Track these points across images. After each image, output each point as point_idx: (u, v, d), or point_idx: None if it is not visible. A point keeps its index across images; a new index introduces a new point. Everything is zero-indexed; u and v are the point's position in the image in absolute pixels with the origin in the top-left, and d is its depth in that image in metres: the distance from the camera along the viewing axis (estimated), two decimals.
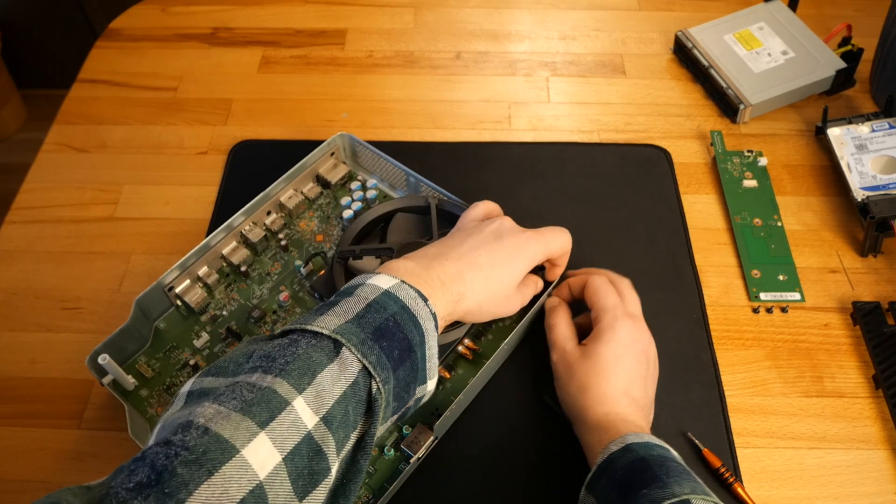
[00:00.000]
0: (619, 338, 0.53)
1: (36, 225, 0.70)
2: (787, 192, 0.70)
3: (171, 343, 0.60)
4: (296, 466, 0.36)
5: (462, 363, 0.58)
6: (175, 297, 0.61)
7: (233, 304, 0.62)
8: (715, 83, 0.76)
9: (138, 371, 0.58)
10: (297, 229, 0.67)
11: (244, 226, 0.64)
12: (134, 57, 0.84)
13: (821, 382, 0.59)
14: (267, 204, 0.65)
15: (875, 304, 0.61)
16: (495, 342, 0.59)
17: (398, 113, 0.78)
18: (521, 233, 0.53)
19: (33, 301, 0.65)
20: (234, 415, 0.36)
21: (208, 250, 0.62)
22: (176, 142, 0.76)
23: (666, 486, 0.43)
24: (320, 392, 0.38)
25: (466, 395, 0.55)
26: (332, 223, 0.67)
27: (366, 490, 0.53)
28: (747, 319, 0.62)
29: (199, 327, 0.61)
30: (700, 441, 0.55)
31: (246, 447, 0.35)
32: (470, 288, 0.48)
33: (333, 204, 0.68)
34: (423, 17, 0.88)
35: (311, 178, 0.69)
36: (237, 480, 0.34)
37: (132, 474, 0.33)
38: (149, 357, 0.59)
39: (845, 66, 0.75)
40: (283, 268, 0.64)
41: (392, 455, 0.54)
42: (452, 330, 0.55)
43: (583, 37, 0.85)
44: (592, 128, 0.76)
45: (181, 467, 0.33)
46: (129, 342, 0.58)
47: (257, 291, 0.63)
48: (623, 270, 0.64)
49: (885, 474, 0.54)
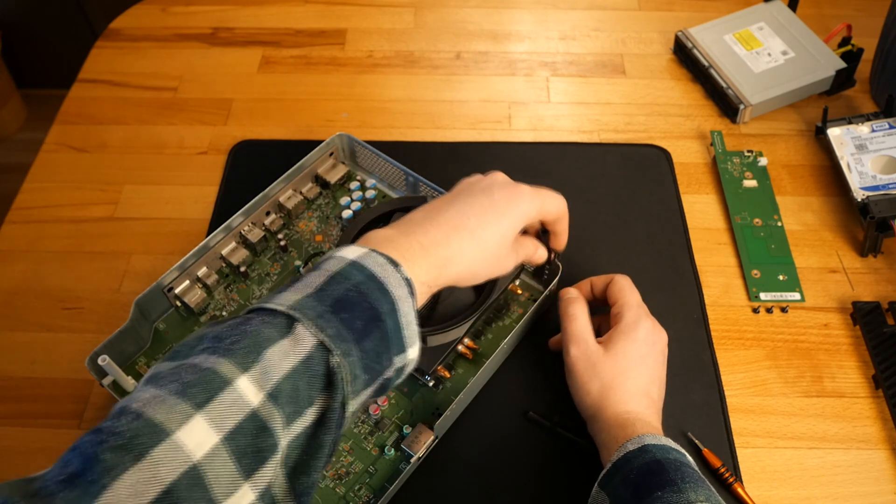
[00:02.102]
0: (643, 336, 0.53)
1: (36, 225, 0.70)
2: (787, 192, 0.70)
3: (171, 344, 0.60)
4: (238, 445, 0.36)
5: (462, 363, 0.58)
6: (174, 298, 0.61)
7: (232, 304, 0.62)
8: (715, 83, 0.76)
9: (138, 372, 0.58)
10: (297, 230, 0.67)
11: (243, 226, 0.64)
12: (134, 57, 0.84)
13: (821, 382, 0.59)
14: (266, 204, 0.65)
15: (875, 304, 0.61)
16: (495, 342, 0.59)
17: (398, 113, 0.78)
18: (514, 186, 0.50)
19: (33, 301, 0.65)
20: (170, 398, 0.35)
21: (207, 251, 0.62)
22: (176, 142, 0.76)
23: (681, 492, 0.43)
24: (266, 368, 0.37)
25: (467, 394, 0.55)
26: (332, 223, 0.67)
27: (366, 490, 0.53)
28: (747, 319, 0.62)
29: (199, 328, 0.60)
30: (700, 441, 0.55)
31: (180, 429, 0.34)
32: (457, 251, 0.46)
33: (333, 204, 0.68)
34: (424, 17, 0.88)
35: (310, 179, 0.69)
36: (168, 463, 0.34)
37: (65, 466, 0.33)
38: (148, 358, 0.59)
39: (845, 66, 0.75)
40: (283, 268, 0.64)
41: (392, 455, 0.54)
42: (452, 329, 0.55)
43: (583, 37, 0.85)
44: (592, 128, 0.76)
45: (108, 453, 0.33)
46: (129, 343, 0.58)
47: (257, 292, 0.63)
48: (623, 270, 0.64)
49: (884, 474, 0.54)
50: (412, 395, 0.57)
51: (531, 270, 0.62)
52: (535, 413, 0.56)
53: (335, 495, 0.53)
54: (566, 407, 0.57)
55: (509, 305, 0.61)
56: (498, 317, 0.60)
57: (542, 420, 0.56)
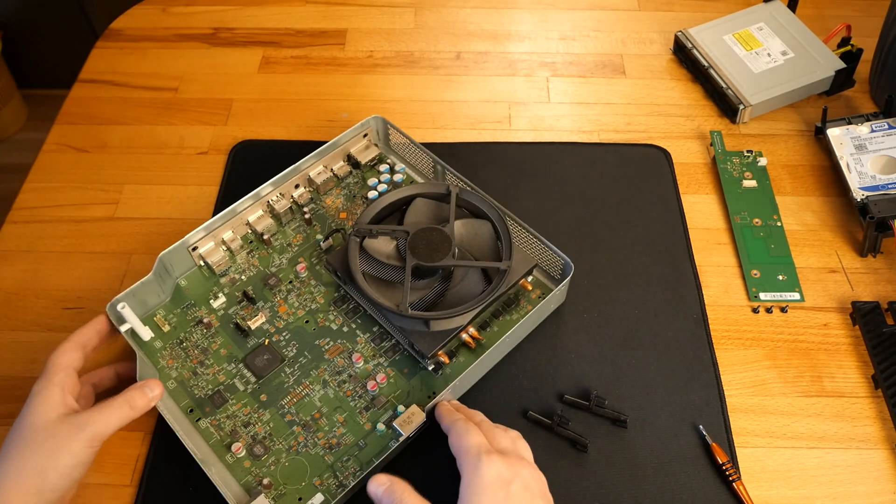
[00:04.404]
0: (490, 481, 0.44)
1: (36, 225, 0.70)
2: (786, 192, 0.70)
3: (190, 300, 0.62)
4: None
5: (464, 351, 0.59)
6: (199, 258, 0.63)
7: (252, 269, 0.64)
8: (715, 83, 0.77)
9: (155, 323, 0.60)
10: (323, 205, 0.68)
11: (272, 196, 0.65)
12: (134, 57, 0.85)
13: (820, 382, 0.59)
14: (296, 177, 0.67)
15: (874, 304, 0.61)
16: (500, 334, 0.59)
17: (398, 113, 0.78)
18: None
19: (34, 301, 0.65)
20: None
21: (235, 216, 0.63)
22: (176, 142, 0.76)
23: None
24: None
25: (463, 381, 0.55)
26: (358, 202, 0.68)
27: (354, 462, 0.54)
28: (747, 319, 0.62)
29: (218, 289, 0.62)
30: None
31: None
32: None
33: (361, 184, 0.70)
34: (424, 18, 0.88)
35: (342, 157, 0.70)
36: None
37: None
38: (167, 311, 0.61)
39: (845, 66, 0.75)
40: (305, 240, 0.66)
41: (384, 431, 0.55)
42: (455, 317, 0.56)
43: (583, 37, 0.86)
44: (592, 128, 0.76)
45: None
46: (150, 295, 0.60)
47: (277, 260, 0.64)
48: (623, 270, 0.64)
49: (884, 474, 0.54)
50: (411, 377, 0.58)
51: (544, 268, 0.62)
52: (535, 413, 0.56)
53: (324, 463, 0.54)
54: (566, 406, 0.57)
55: (519, 301, 0.61)
56: (506, 311, 0.61)
57: (543, 419, 0.56)
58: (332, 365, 0.58)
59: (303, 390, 0.57)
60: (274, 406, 0.56)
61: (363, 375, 0.58)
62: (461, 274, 0.59)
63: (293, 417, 0.56)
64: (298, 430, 0.55)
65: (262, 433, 0.55)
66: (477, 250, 0.61)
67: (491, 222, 0.61)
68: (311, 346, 0.59)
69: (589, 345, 0.60)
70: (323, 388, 0.57)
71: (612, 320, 0.62)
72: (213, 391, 0.57)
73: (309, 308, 0.61)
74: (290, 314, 0.61)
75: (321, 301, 0.62)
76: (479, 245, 0.61)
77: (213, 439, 0.55)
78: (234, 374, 0.58)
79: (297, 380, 0.58)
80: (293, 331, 0.60)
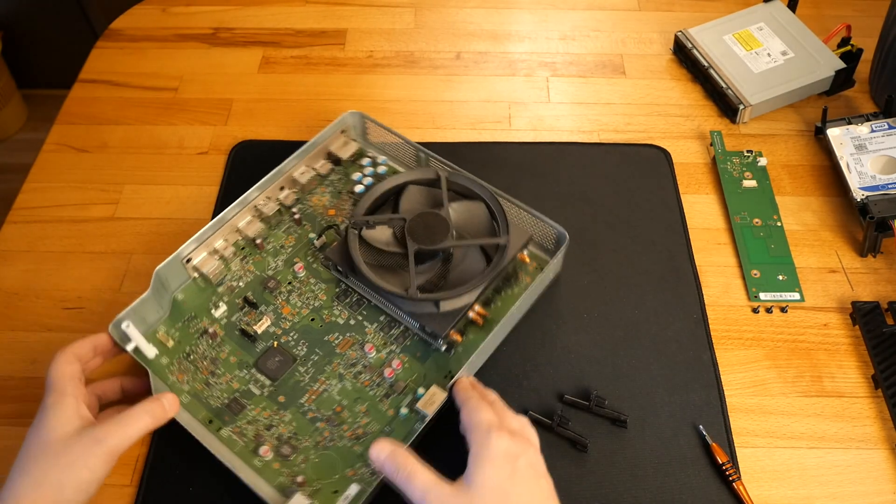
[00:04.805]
0: (500, 455, 0.45)
1: (36, 225, 0.70)
2: (786, 192, 0.70)
3: (190, 313, 0.61)
4: None
5: (473, 329, 0.60)
6: (192, 269, 0.62)
7: (249, 275, 0.64)
8: (714, 83, 0.77)
9: (159, 340, 0.60)
10: (310, 204, 0.68)
11: (258, 200, 0.65)
12: (134, 57, 0.85)
13: (820, 382, 0.59)
14: (280, 180, 0.67)
15: (874, 304, 0.61)
16: (504, 309, 0.60)
17: (398, 113, 0.78)
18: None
19: (34, 301, 0.65)
20: None
21: (224, 224, 0.63)
22: (176, 142, 0.76)
23: None
24: None
25: (478, 356, 0.56)
26: (344, 198, 0.68)
27: None
28: (747, 319, 0.62)
29: (217, 298, 0.62)
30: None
31: None
32: None
33: (345, 180, 0.70)
34: (424, 17, 0.88)
35: (323, 155, 0.70)
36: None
37: None
38: (168, 327, 0.61)
39: (845, 66, 0.75)
40: (297, 241, 0.66)
41: (408, 414, 0.55)
42: (463, 295, 0.57)
43: (583, 37, 0.86)
44: (592, 128, 0.76)
45: None
46: (150, 312, 0.60)
47: (272, 263, 0.64)
48: (623, 270, 0.64)
49: (884, 474, 0.54)
50: (424, 360, 0.58)
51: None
52: (535, 413, 0.56)
53: (353, 454, 0.54)
54: (566, 406, 0.57)
55: (518, 274, 0.62)
56: (507, 285, 0.61)
57: (543, 419, 0.56)
58: (344, 358, 0.58)
59: (320, 386, 0.57)
60: (294, 406, 0.56)
61: (378, 364, 0.58)
62: (461, 254, 0.60)
63: (315, 414, 0.56)
64: (322, 425, 0.55)
65: (286, 433, 0.55)
66: (473, 230, 0.62)
67: (484, 201, 0.62)
68: (321, 343, 0.59)
69: (589, 345, 0.60)
70: (339, 381, 0.57)
71: (612, 320, 0.62)
72: (229, 399, 0.57)
73: (313, 306, 0.61)
74: (295, 314, 0.61)
75: (324, 298, 0.62)
76: (475, 225, 0.62)
77: (237, 447, 0.54)
78: (247, 380, 0.58)
79: (313, 377, 0.58)
80: (300, 330, 0.60)
